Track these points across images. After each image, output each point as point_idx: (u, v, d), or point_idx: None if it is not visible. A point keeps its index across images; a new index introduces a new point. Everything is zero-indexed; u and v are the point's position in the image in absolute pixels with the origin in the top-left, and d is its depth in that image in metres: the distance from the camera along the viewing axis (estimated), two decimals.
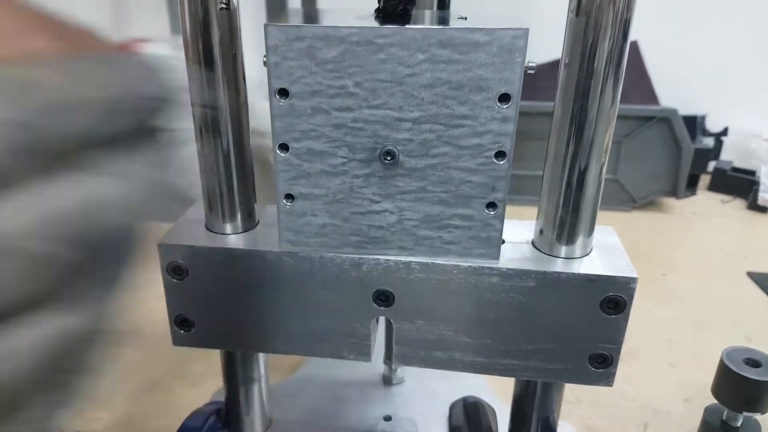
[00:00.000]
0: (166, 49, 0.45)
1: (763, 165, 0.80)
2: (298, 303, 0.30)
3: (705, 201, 0.81)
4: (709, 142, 0.87)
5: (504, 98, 0.25)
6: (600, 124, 0.27)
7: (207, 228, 0.31)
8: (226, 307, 0.31)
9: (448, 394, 0.40)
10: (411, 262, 0.28)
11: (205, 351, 0.35)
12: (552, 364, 0.30)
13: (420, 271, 0.28)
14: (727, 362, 0.37)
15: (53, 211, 0.13)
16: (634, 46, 0.84)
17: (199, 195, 0.31)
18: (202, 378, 0.46)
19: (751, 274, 0.62)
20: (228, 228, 0.31)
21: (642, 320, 0.55)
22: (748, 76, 0.87)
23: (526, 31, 0.24)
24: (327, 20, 0.25)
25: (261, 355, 0.36)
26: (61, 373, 0.15)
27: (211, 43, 0.27)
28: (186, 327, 0.32)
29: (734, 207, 0.80)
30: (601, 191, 0.28)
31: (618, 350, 0.29)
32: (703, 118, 0.87)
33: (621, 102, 0.29)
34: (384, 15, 0.25)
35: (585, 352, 0.29)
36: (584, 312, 0.28)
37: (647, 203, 0.78)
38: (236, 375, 0.36)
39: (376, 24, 0.25)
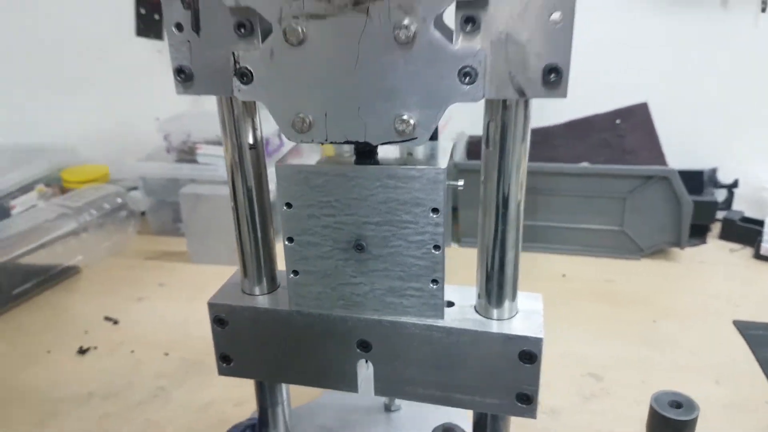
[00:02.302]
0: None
1: None
2: (304, 347, 0.41)
3: (713, 250, 0.87)
4: (721, 193, 0.92)
5: (434, 211, 0.36)
6: (510, 218, 0.37)
7: (242, 290, 0.43)
8: (255, 348, 0.43)
9: (435, 420, 0.50)
10: (381, 320, 0.39)
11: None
12: (491, 399, 0.40)
13: (389, 326, 0.39)
14: (654, 404, 0.45)
15: None
16: (644, 107, 0.91)
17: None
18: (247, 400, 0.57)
19: (736, 322, 0.68)
20: (257, 290, 0.43)
21: (623, 360, 0.62)
22: (760, 128, 0.92)
23: (445, 169, 0.35)
24: (316, 159, 0.37)
25: (283, 385, 0.47)
26: None
27: (246, 175, 0.39)
28: (227, 362, 0.44)
29: (742, 256, 0.85)
30: (519, 267, 0.38)
31: (536, 391, 0.39)
32: (713, 171, 0.93)
33: (627, 161, 0.38)
34: (357, 153, 0.37)
35: (512, 391, 0.39)
36: (507, 361, 0.38)
37: (656, 252, 0.85)
38: (265, 398, 0.47)
39: (350, 161, 0.36)
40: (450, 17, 0.31)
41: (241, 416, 0.51)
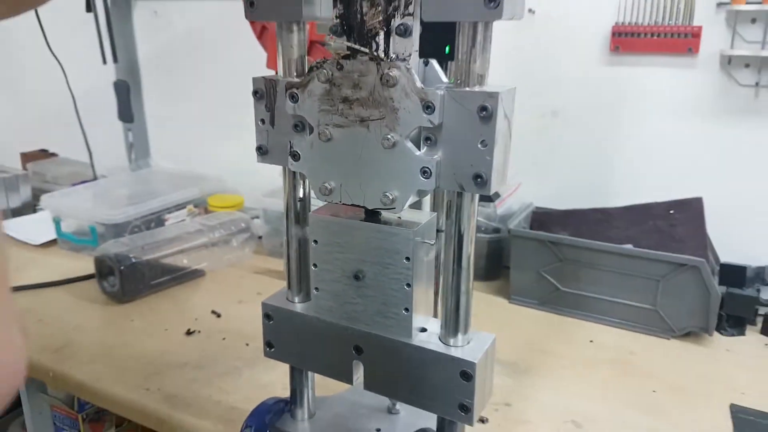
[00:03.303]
0: None
1: None
2: (319, 344, 0.58)
3: (748, 342, 0.90)
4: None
5: (407, 259, 0.51)
6: (463, 271, 0.50)
7: (286, 297, 0.60)
8: (289, 339, 0.60)
9: (424, 423, 0.64)
10: (371, 333, 0.54)
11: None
12: (441, 405, 0.53)
13: (375, 338, 0.54)
14: None
15: None
16: (699, 201, 0.98)
17: None
18: None
19: (732, 406, 0.73)
20: (296, 299, 0.60)
21: (606, 417, 0.71)
22: None
23: (415, 231, 0.50)
24: (340, 212, 0.54)
25: (309, 373, 0.63)
26: None
27: (297, 217, 0.57)
28: (270, 347, 0.61)
29: None
30: (470, 309, 0.52)
31: (472, 403, 0.51)
32: (762, 268, 0.96)
33: (674, 249, 0.51)
34: (365, 212, 0.53)
35: (456, 401, 0.52)
36: (452, 378, 0.51)
37: (687, 334, 0.90)
38: (295, 381, 0.63)
39: (360, 217, 0.52)
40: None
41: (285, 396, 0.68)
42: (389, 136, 0.46)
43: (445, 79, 0.50)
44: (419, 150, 0.46)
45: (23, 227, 1.28)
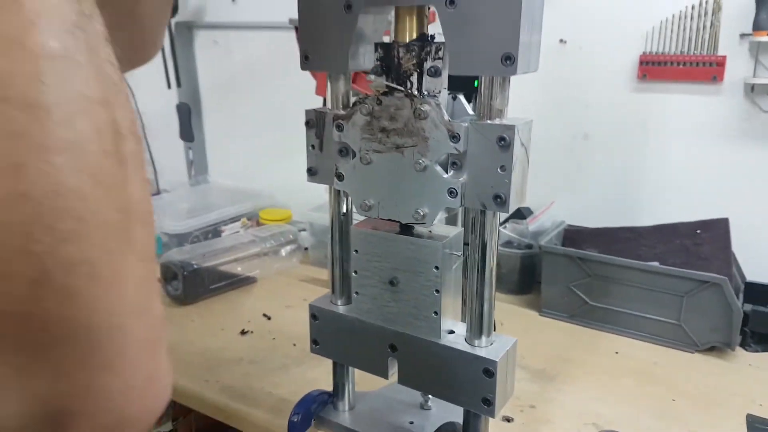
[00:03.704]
0: None
1: None
2: (358, 342, 0.65)
3: None
4: None
5: (436, 268, 0.57)
6: (486, 280, 0.57)
7: (330, 300, 0.68)
8: (332, 338, 0.67)
9: (454, 417, 0.70)
10: (405, 333, 0.61)
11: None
12: (466, 398, 0.59)
13: (408, 338, 0.61)
14: None
15: None
16: (725, 222, 1.01)
17: None
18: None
19: (749, 416, 0.77)
20: (339, 302, 0.67)
21: (626, 421, 0.75)
22: None
23: (444, 244, 0.57)
24: (381, 226, 0.61)
25: (350, 369, 0.70)
26: None
27: (340, 230, 0.65)
28: (316, 344, 0.69)
29: None
30: (493, 313, 0.58)
31: (494, 397, 0.57)
32: None
33: (699, 267, 0.59)
34: (400, 226, 0.60)
35: (479, 395, 0.58)
36: (476, 374, 0.57)
37: (711, 348, 0.93)
38: (338, 376, 0.71)
39: (396, 230, 0.60)
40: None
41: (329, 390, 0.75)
42: (421, 161, 0.54)
43: (471, 111, 0.57)
44: (447, 173, 0.53)
45: None
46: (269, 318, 1.02)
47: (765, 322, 0.93)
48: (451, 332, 0.61)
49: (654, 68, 1.02)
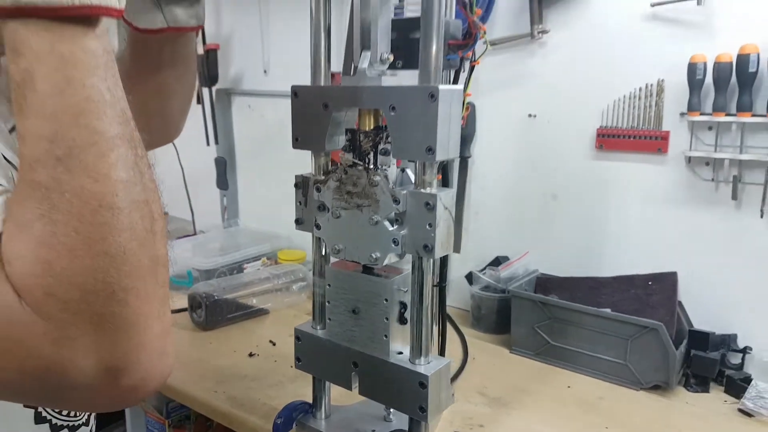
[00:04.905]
0: None
1: (760, 381, 0.98)
2: (330, 360, 0.79)
3: (709, 398, 1.01)
4: (737, 356, 1.07)
5: (386, 300, 0.72)
6: (424, 312, 0.71)
7: (311, 326, 0.83)
8: (311, 356, 0.81)
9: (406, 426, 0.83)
10: (363, 353, 0.75)
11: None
12: (408, 406, 0.72)
13: (367, 357, 0.75)
14: None
15: None
16: (674, 275, 1.12)
17: None
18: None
19: None
20: (318, 327, 0.82)
21: None
22: None
23: (392, 281, 0.71)
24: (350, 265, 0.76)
25: (327, 384, 0.84)
26: None
27: (319, 267, 0.80)
28: (299, 361, 0.83)
29: (729, 408, 0.99)
30: (429, 340, 0.71)
31: (427, 406, 0.70)
32: (729, 336, 1.07)
33: (647, 315, 0.73)
34: (363, 267, 0.75)
35: (416, 403, 0.71)
36: (413, 386, 0.71)
37: (654, 387, 1.03)
38: (316, 389, 0.85)
39: (357, 271, 0.75)
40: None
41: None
42: (373, 217, 0.69)
43: (412, 180, 0.72)
44: (392, 227, 0.69)
45: None
46: (274, 344, 1.17)
47: (704, 366, 1.04)
48: (400, 353, 0.75)
49: (609, 140, 1.16)
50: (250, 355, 1.13)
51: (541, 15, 1.19)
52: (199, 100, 1.70)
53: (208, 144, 1.72)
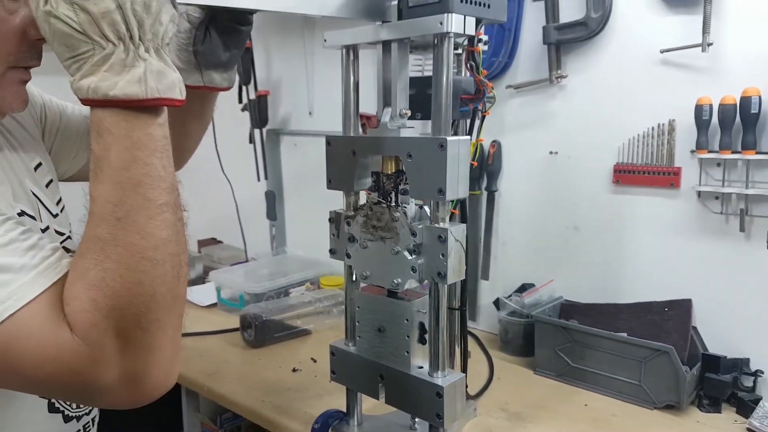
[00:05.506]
0: None
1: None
2: (360, 372, 0.90)
3: (720, 418, 1.05)
4: (749, 379, 1.11)
5: (407, 320, 0.82)
6: (441, 332, 0.81)
7: (345, 342, 0.94)
8: (345, 369, 0.92)
9: None
10: (389, 366, 0.85)
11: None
12: (426, 414, 0.82)
13: (392, 370, 0.85)
14: None
15: None
16: (688, 302, 1.17)
17: None
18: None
19: None
20: (350, 343, 0.93)
21: None
22: None
23: (413, 304, 0.82)
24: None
25: (359, 395, 0.95)
26: None
27: (350, 291, 0.92)
28: (334, 374, 0.94)
29: (740, 428, 1.03)
30: (447, 356, 0.81)
31: (443, 413, 0.80)
32: (741, 359, 1.12)
33: (662, 339, 0.84)
34: (387, 291, 0.86)
35: (434, 411, 0.80)
36: (431, 396, 0.80)
37: (667, 406, 1.09)
38: (350, 399, 0.95)
39: (382, 295, 0.86)
40: None
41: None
42: (395, 248, 0.80)
43: (429, 215, 0.83)
44: (410, 256, 0.79)
45: (196, 293, 1.75)
46: (315, 361, 1.29)
47: (715, 387, 1.08)
48: (421, 367, 0.85)
49: (625, 175, 1.24)
50: (294, 370, 1.24)
51: (559, 61, 1.28)
52: (251, 140, 1.86)
53: (258, 179, 1.88)
